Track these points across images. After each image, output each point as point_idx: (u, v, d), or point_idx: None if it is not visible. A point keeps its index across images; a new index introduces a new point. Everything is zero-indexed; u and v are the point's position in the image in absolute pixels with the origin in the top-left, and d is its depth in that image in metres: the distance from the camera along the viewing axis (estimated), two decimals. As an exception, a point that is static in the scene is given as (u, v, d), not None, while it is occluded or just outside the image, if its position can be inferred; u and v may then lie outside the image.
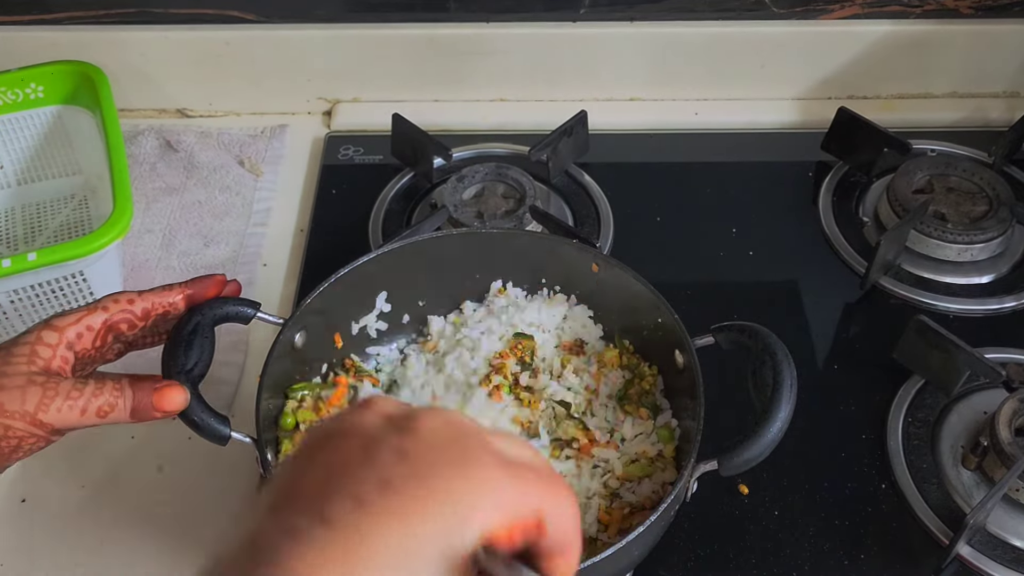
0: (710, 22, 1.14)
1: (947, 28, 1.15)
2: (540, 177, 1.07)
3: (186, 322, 0.72)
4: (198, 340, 0.72)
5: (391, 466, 0.38)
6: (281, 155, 1.15)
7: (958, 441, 0.85)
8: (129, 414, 0.66)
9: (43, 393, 0.63)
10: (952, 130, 1.16)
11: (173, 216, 1.06)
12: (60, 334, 0.67)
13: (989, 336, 0.93)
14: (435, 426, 0.40)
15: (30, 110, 1.04)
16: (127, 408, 0.66)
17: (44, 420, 0.63)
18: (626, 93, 1.20)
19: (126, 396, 0.66)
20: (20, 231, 1.06)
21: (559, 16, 1.14)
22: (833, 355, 0.94)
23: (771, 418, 0.69)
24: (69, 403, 0.64)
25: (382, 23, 1.14)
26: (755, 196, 1.09)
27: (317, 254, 1.03)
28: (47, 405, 0.63)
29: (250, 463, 0.85)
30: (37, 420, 0.63)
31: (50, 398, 0.63)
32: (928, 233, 1.00)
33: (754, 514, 0.82)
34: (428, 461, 0.38)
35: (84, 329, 0.68)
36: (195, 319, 0.73)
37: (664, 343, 0.80)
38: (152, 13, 1.13)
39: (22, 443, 0.64)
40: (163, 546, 0.81)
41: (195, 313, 0.73)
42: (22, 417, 0.63)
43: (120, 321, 0.70)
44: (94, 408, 0.65)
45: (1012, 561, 0.78)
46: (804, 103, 1.20)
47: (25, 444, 0.64)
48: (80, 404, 0.64)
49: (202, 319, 0.73)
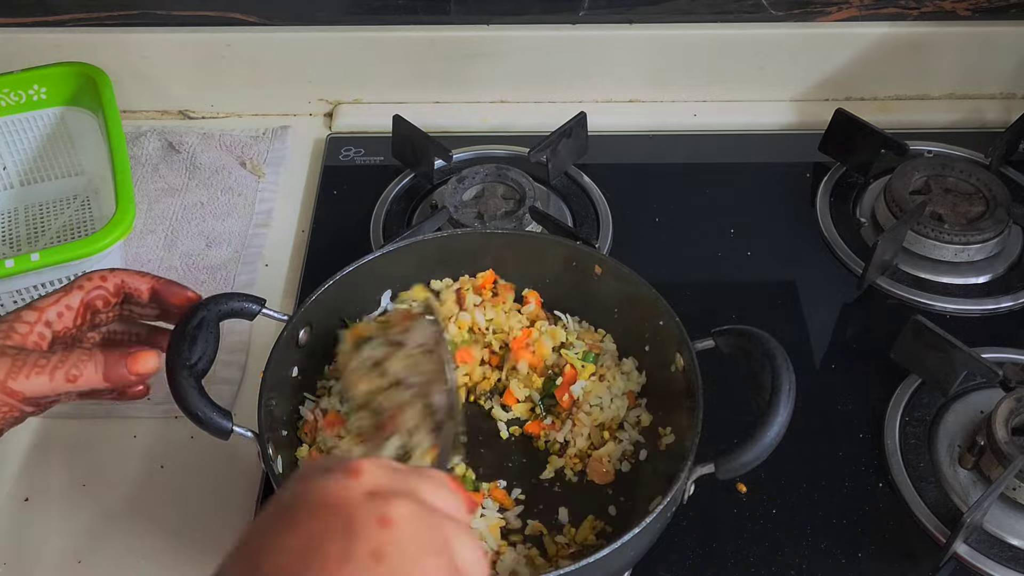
0: (708, 24, 1.15)
1: (944, 30, 1.15)
2: (540, 178, 1.07)
3: (191, 317, 0.73)
4: (203, 335, 0.73)
5: (368, 569, 0.42)
6: (283, 156, 1.16)
7: (955, 440, 0.86)
8: (102, 377, 0.68)
9: (12, 363, 0.66)
10: (949, 131, 1.16)
11: (175, 217, 1.07)
12: (39, 313, 0.70)
13: (986, 336, 0.94)
14: (411, 525, 0.44)
15: (33, 111, 1.04)
16: (98, 372, 0.68)
17: (14, 388, 0.66)
18: (625, 95, 1.20)
19: (96, 361, 0.68)
20: (23, 232, 1.06)
21: (559, 18, 1.15)
22: (831, 355, 0.94)
23: (769, 422, 0.70)
24: (37, 369, 0.67)
25: (383, 25, 1.15)
26: (753, 197, 1.10)
27: (319, 254, 1.03)
28: (16, 373, 0.66)
29: (251, 462, 0.85)
30: (8, 388, 0.66)
31: (18, 367, 0.66)
32: (925, 234, 1.00)
33: (752, 513, 0.82)
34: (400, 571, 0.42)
35: (64, 308, 0.71)
36: (200, 314, 0.73)
37: (664, 345, 0.80)
38: (155, 15, 1.13)
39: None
40: (164, 545, 0.82)
41: (200, 308, 0.73)
42: None
43: (96, 298, 0.73)
44: (62, 373, 0.67)
45: (1009, 559, 0.79)
46: (802, 104, 1.20)
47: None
48: (48, 370, 0.67)
49: (207, 314, 0.73)
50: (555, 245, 0.88)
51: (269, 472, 0.72)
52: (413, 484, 0.47)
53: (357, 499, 0.44)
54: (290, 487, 0.46)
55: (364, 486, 0.45)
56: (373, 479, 0.45)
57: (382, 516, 0.43)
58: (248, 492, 0.84)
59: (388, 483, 0.46)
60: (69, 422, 0.90)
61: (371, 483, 0.45)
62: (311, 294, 0.80)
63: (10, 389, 0.66)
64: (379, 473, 0.46)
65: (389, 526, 0.43)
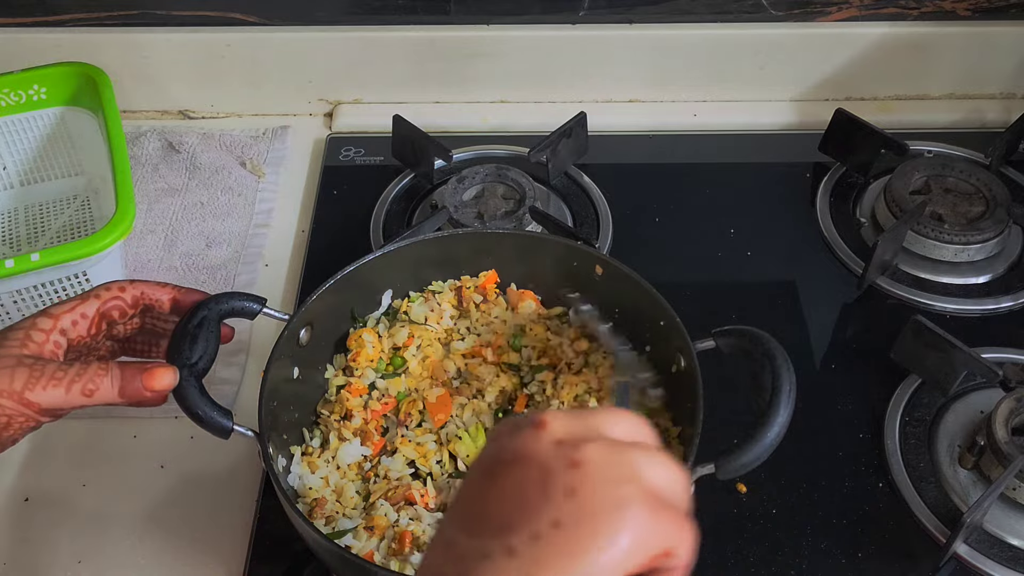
0: (708, 24, 1.15)
1: (944, 30, 1.15)
2: (540, 178, 1.07)
3: (192, 316, 0.73)
4: (203, 334, 0.73)
5: (562, 504, 0.45)
6: (283, 156, 1.16)
7: (955, 440, 0.86)
8: (118, 393, 0.68)
9: (30, 374, 0.66)
10: (949, 131, 1.16)
11: (175, 217, 1.07)
12: (55, 320, 0.70)
13: (986, 336, 0.94)
14: (600, 460, 0.47)
15: (33, 111, 1.04)
16: (114, 387, 0.68)
17: (31, 399, 0.66)
18: (625, 95, 1.20)
19: (112, 375, 0.68)
20: (23, 232, 1.06)
21: (559, 18, 1.15)
22: (831, 355, 0.94)
23: (769, 423, 0.70)
24: (54, 382, 0.66)
25: (383, 25, 1.15)
26: (753, 197, 1.10)
27: (319, 254, 1.03)
28: (33, 385, 0.66)
29: (251, 462, 0.85)
30: (25, 399, 0.66)
31: (36, 378, 0.66)
32: (925, 234, 1.00)
33: (752, 513, 0.82)
34: (592, 503, 0.45)
35: (79, 317, 0.71)
36: (201, 313, 0.73)
37: (665, 345, 0.80)
38: (155, 15, 1.14)
39: (12, 421, 0.66)
40: (165, 545, 0.81)
41: (201, 307, 0.73)
42: (10, 396, 0.65)
43: (112, 308, 0.72)
44: (79, 388, 0.67)
45: (1009, 559, 0.79)
46: (802, 104, 1.20)
47: (15, 423, 0.67)
48: (64, 383, 0.67)
49: (208, 313, 0.73)
50: (556, 245, 0.87)
51: (269, 472, 0.72)
52: (597, 424, 0.49)
53: (548, 448, 0.47)
54: (485, 451, 0.50)
55: (552, 435, 0.47)
56: (560, 427, 0.48)
57: (572, 459, 0.46)
58: (248, 492, 0.84)
59: (574, 428, 0.48)
60: (69, 422, 0.89)
61: (559, 431, 0.48)
62: (311, 294, 0.80)
63: (27, 400, 0.66)
64: (564, 420, 0.49)
65: (579, 466, 0.46)
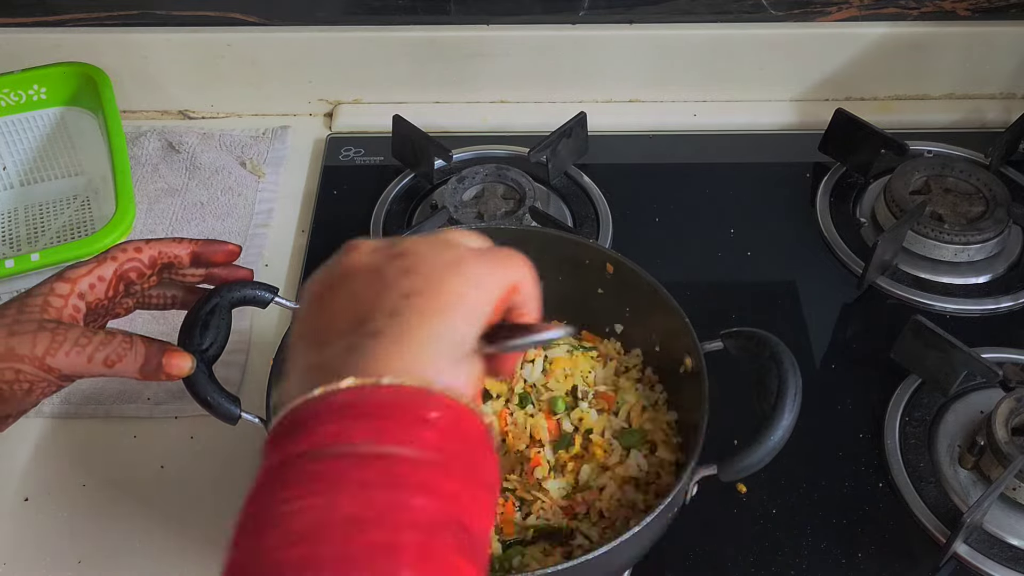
0: (708, 24, 1.15)
1: (944, 30, 1.15)
2: (540, 178, 1.07)
3: (204, 303, 0.73)
4: (215, 321, 0.73)
5: (404, 282, 0.47)
6: (283, 156, 1.16)
7: (955, 440, 0.86)
8: (138, 369, 0.67)
9: (52, 339, 0.65)
10: (949, 131, 1.16)
11: (175, 217, 1.07)
12: (72, 284, 0.69)
13: (986, 336, 0.94)
14: (419, 243, 0.50)
15: (33, 111, 1.04)
16: (136, 362, 0.67)
17: (52, 364, 0.65)
18: (625, 95, 1.20)
19: (136, 350, 0.67)
20: (23, 232, 1.06)
21: (559, 18, 1.15)
22: (831, 355, 0.94)
23: (773, 426, 0.69)
24: (77, 349, 0.65)
25: (383, 25, 1.15)
26: (753, 197, 1.10)
27: (319, 254, 1.03)
28: (55, 350, 0.65)
29: (252, 462, 0.84)
30: (45, 365, 0.65)
31: (58, 343, 0.65)
32: (925, 234, 1.00)
33: (752, 513, 0.82)
34: (430, 269, 0.48)
35: (96, 280, 0.70)
36: (213, 300, 0.73)
37: (673, 346, 0.80)
38: (154, 15, 1.13)
39: (33, 387, 0.66)
40: (165, 544, 0.82)
41: (214, 295, 0.73)
42: (31, 361, 0.64)
43: (130, 270, 0.71)
44: (101, 356, 0.66)
45: (1009, 560, 0.79)
46: (802, 104, 1.20)
47: (36, 388, 0.66)
48: (88, 351, 0.66)
49: (220, 301, 0.73)
50: (566, 242, 0.86)
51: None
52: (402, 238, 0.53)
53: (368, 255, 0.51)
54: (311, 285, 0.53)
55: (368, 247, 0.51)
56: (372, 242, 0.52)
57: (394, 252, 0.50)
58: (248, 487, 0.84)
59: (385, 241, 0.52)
60: (69, 422, 0.90)
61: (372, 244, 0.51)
62: None
63: (47, 366, 0.65)
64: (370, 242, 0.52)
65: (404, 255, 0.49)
